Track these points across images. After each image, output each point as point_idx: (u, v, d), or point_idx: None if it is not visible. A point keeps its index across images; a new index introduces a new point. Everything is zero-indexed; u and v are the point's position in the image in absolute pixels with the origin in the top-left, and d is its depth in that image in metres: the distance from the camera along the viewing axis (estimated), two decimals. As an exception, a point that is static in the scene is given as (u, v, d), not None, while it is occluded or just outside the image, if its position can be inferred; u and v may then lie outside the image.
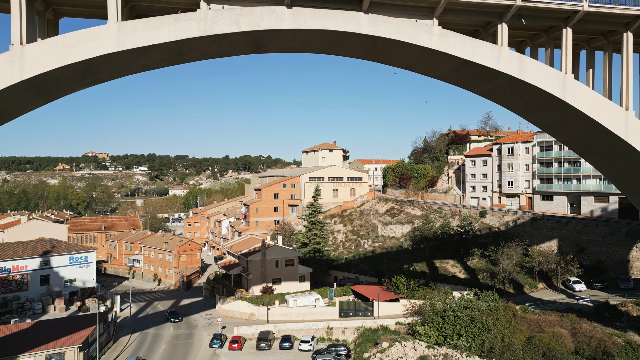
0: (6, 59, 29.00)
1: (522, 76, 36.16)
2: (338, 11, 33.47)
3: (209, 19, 31.54)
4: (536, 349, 57.56)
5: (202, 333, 73.76)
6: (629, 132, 37.87)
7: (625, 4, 36.49)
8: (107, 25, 30.29)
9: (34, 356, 57.11)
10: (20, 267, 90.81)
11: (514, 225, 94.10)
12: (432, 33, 34.61)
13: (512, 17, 36.14)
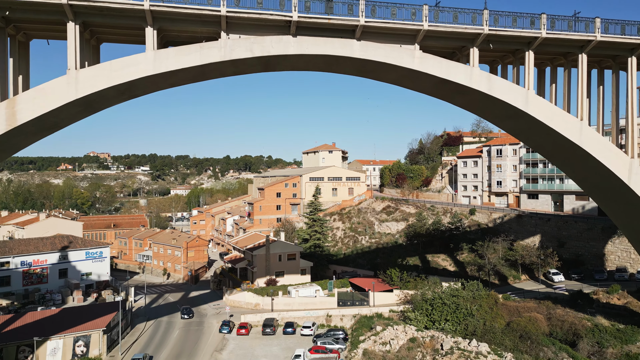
0: (64, 81, 35.65)
1: (491, 92, 42.80)
2: (335, 39, 40.14)
3: (228, 47, 38.21)
4: (514, 332, 64.12)
5: (212, 321, 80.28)
6: (583, 139, 44.50)
7: (578, 31, 43.09)
8: (145, 53, 36.92)
9: (63, 338, 63.76)
10: (40, 261, 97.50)
11: (501, 222, 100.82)
12: (414, 56, 41.25)
13: (482, 42, 42.74)
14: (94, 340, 65.54)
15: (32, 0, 34.06)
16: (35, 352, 61.51)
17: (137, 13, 36.12)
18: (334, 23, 38.92)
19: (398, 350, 62.41)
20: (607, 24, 44.16)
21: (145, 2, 35.30)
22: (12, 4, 34.15)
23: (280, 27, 39.32)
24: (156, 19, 37.03)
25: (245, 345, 68.68)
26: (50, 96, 35.28)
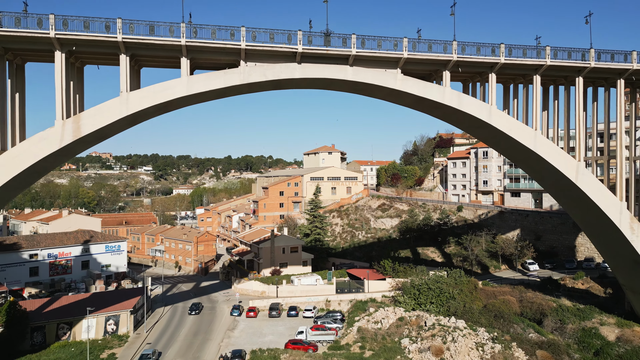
0: (117, 101, 45.06)
1: (460, 107, 52.15)
2: (332, 65, 49.49)
3: (246, 72, 47.60)
4: (490, 312, 73.49)
5: (223, 306, 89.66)
6: (537, 146, 53.86)
7: (531, 57, 52.51)
8: (180, 79, 46.31)
9: (96, 317, 73.23)
10: (65, 254, 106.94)
11: (485, 218, 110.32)
12: (397, 79, 50.63)
13: (452, 66, 52.08)
14: (122, 320, 75.04)
15: (94, 39, 43.47)
16: (73, 329, 71.04)
17: (175, 47, 45.53)
18: (331, 53, 48.32)
19: (388, 327, 71.80)
20: (555, 50, 53.50)
21: (182, 39, 44.73)
22: (78, 42, 43.55)
23: (288, 56, 48.70)
24: (190, 51, 46.41)
25: (254, 326, 78.01)
26: (106, 113, 44.71)
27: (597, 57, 54.64)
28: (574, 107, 57.60)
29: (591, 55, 54.31)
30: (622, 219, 56.40)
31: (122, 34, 43.42)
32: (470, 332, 65.30)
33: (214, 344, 69.19)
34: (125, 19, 43.14)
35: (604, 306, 70.86)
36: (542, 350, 59.60)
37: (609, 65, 54.94)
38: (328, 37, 47.36)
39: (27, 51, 45.40)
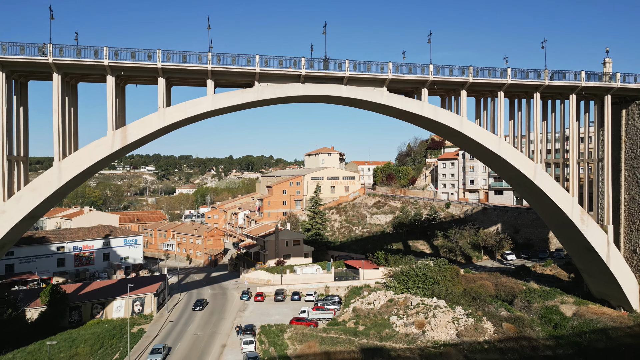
0: (156, 115, 55.76)
1: (436, 118, 62.82)
2: (330, 85, 60.17)
3: (259, 91, 58.31)
4: (468, 294, 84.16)
5: (233, 292, 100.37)
6: (501, 150, 64.51)
7: (496, 77, 63.23)
8: (206, 97, 57.03)
9: (125, 299, 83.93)
10: (88, 247, 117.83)
11: (470, 214, 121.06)
12: (383, 95, 61.31)
13: (429, 85, 62.76)
14: (147, 302, 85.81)
15: (139, 66, 54.23)
16: (105, 309, 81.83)
17: (203, 71, 56.24)
18: (329, 75, 59.03)
19: (379, 307, 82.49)
20: (515, 71, 64.13)
21: (208, 65, 55.48)
22: (126, 68, 54.30)
23: (293, 78, 59.40)
24: (214, 74, 57.12)
25: (262, 308, 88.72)
26: (147, 125, 55.46)
27: (551, 77, 65.30)
28: (534, 117, 68.29)
29: (545, 74, 65.00)
30: (573, 212, 67.10)
31: (161, 62, 54.18)
32: (449, 309, 75.99)
33: (228, 321, 79.96)
34: (164, 50, 53.90)
35: (566, 288, 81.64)
36: (507, 323, 70.42)
37: (560, 82, 65.62)
38: (326, 62, 58.09)
39: (83, 75, 56.12)
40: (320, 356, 61.17)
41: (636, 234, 70.71)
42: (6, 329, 67.73)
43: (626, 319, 67.39)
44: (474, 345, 64.92)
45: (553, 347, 64.14)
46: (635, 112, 70.22)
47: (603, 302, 74.42)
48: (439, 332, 70.19)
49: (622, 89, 67.92)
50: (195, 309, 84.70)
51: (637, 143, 70.12)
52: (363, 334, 70.40)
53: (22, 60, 51.30)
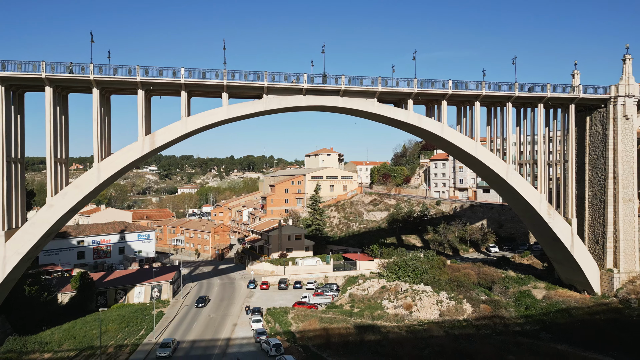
0: (179, 124, 65.31)
1: (420, 125, 72.39)
2: (328, 96, 69.67)
3: (267, 102, 67.85)
4: (453, 282, 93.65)
5: (240, 282, 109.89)
6: (477, 152, 74.04)
7: (472, 89, 72.86)
8: (222, 107, 66.56)
9: (145, 285, 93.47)
10: (105, 241, 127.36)
11: (459, 210, 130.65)
12: (374, 105, 70.87)
13: (414, 96, 72.31)
14: (164, 288, 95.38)
15: (166, 82, 63.81)
16: (127, 294, 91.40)
17: (219, 86, 65.78)
18: (327, 89, 68.62)
19: (373, 293, 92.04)
20: (489, 84, 73.74)
21: (224, 80, 65.06)
22: (155, 84, 63.88)
23: (296, 90, 68.94)
24: (229, 88, 66.70)
25: (267, 294, 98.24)
26: (172, 132, 65.04)
27: (521, 88, 74.90)
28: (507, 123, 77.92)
29: (515, 87, 74.54)
30: (541, 206, 76.65)
31: (184, 78, 63.77)
32: (435, 294, 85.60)
33: (237, 305, 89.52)
34: (187, 67, 63.50)
35: (540, 276, 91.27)
36: (485, 305, 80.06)
37: (528, 94, 75.17)
38: (325, 77, 67.67)
39: (117, 89, 65.69)
40: (320, 331, 70.64)
41: (598, 226, 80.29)
42: (43, 310, 77.32)
43: (587, 301, 76.98)
44: (454, 323, 74.54)
45: (522, 324, 73.76)
46: (597, 119, 79.80)
47: (570, 287, 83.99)
48: (424, 312, 79.81)
49: (584, 99, 77.50)
50: (198, 306, 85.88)
51: (599, 146, 79.73)
52: (357, 315, 79.98)
53: (68, 78, 60.87)
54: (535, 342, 66.24)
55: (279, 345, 62.29)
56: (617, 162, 76.65)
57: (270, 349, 61.88)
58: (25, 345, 66.08)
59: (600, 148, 79.40)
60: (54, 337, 70.69)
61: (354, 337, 68.17)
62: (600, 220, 79.64)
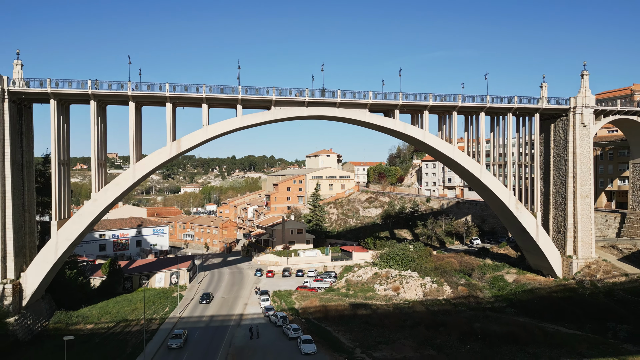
0: (202, 131, 77.60)
1: (406, 131, 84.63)
2: (326, 107, 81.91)
3: (275, 113, 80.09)
4: (437, 269, 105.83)
5: (248, 271, 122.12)
6: (454, 155, 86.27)
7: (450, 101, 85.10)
8: (236, 117, 78.81)
9: (165, 272, 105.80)
10: (124, 235, 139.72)
11: (446, 207, 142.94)
12: (366, 115, 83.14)
13: (400, 107, 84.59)
14: (181, 275, 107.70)
15: (190, 96, 76.09)
16: (149, 280, 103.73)
17: (235, 100, 78.01)
18: (325, 101, 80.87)
19: (366, 279, 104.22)
20: (465, 96, 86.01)
21: (239, 95, 77.34)
22: (181, 98, 76.18)
23: (299, 103, 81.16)
24: (243, 101, 78.94)
25: (272, 281, 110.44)
26: (195, 138, 77.30)
27: (492, 100, 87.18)
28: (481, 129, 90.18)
29: (487, 99, 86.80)
30: (510, 201, 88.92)
31: (206, 93, 76.09)
32: (420, 278, 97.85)
33: (247, 289, 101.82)
34: (208, 84, 75.80)
35: (513, 263, 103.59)
36: (462, 287, 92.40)
37: (498, 105, 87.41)
38: (324, 92, 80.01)
39: (148, 102, 77.96)
40: (319, 308, 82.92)
41: (560, 219, 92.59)
42: (80, 291, 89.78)
43: (550, 283, 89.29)
44: (435, 301, 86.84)
45: (492, 302, 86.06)
46: (560, 125, 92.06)
47: (538, 272, 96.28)
48: (410, 293, 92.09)
49: (548, 109, 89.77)
50: (202, 302, 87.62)
51: (561, 150, 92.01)
52: (352, 296, 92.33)
53: (110, 93, 73.20)
54: (501, 315, 78.51)
55: (285, 317, 74.42)
56: (576, 164, 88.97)
57: (278, 320, 74.04)
58: (70, 318, 78.41)
59: (562, 151, 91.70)
60: (92, 313, 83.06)
61: (348, 312, 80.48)
62: (562, 214, 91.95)
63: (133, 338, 70.96)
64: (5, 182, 68.91)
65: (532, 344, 64.60)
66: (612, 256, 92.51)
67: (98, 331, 74.90)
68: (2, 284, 69.09)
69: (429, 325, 72.60)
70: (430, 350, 62.61)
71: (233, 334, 71.23)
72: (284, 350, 63.92)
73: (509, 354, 61.62)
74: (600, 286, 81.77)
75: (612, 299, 77.15)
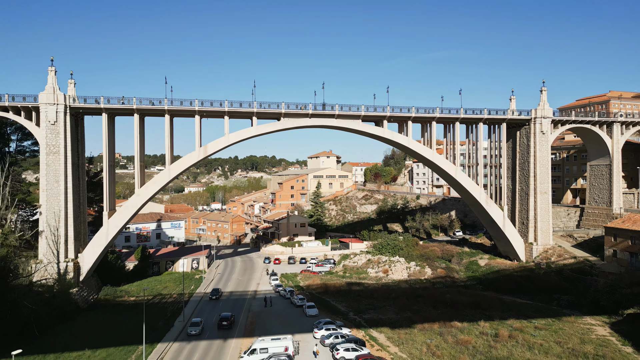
0: (223, 138, 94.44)
1: (393, 138, 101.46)
2: (326, 118, 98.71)
3: (283, 123, 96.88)
4: (422, 256, 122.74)
5: (257, 259, 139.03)
6: (433, 157, 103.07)
7: (429, 113, 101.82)
8: (252, 127, 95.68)
9: (187, 258, 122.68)
10: (146, 228, 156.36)
11: (434, 203, 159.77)
12: (359, 124, 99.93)
13: (388, 118, 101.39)
14: (201, 261, 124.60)
15: (214, 110, 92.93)
16: (174, 265, 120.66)
17: (251, 113, 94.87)
18: (325, 113, 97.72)
19: (361, 264, 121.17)
20: (442, 109, 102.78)
21: (254, 109, 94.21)
22: (207, 112, 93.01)
23: (304, 115, 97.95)
24: (257, 114, 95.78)
25: (279, 267, 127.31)
26: (219, 144, 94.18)
27: (465, 112, 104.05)
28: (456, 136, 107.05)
29: (461, 111, 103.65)
30: (481, 197, 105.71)
31: (227, 107, 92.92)
32: (406, 263, 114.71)
33: (258, 273, 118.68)
34: (229, 100, 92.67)
35: (487, 250, 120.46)
36: (441, 269, 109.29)
37: (470, 116, 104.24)
38: (324, 106, 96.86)
39: (179, 114, 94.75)
40: (320, 285, 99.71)
41: (524, 212, 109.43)
42: (119, 272, 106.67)
43: (514, 265, 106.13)
44: (417, 280, 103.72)
45: (465, 281, 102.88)
46: (523, 133, 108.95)
47: (506, 257, 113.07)
48: (397, 275, 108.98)
49: (513, 119, 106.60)
50: (212, 298, 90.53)
51: (525, 153, 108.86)
52: (348, 277, 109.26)
53: (150, 108, 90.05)
54: (470, 290, 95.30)
55: (292, 291, 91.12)
56: (536, 165, 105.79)
57: (286, 294, 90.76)
58: (115, 292, 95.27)
59: (525, 154, 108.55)
60: (132, 289, 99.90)
61: (344, 288, 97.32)
62: (525, 208, 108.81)
63: (170, 306, 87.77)
64: (68, 180, 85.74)
65: (490, 309, 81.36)
66: (568, 243, 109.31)
67: (139, 302, 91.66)
68: (65, 262, 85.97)
69: (409, 296, 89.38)
70: (409, 313, 79.35)
71: (250, 304, 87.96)
72: (292, 314, 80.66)
73: (470, 315, 78.32)
74: (553, 267, 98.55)
75: (561, 277, 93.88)
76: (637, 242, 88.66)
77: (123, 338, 67.32)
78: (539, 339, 64.55)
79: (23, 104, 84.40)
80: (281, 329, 69.51)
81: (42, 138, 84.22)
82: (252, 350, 57.48)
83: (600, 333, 69.08)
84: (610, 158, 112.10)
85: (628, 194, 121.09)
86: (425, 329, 69.74)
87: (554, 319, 76.19)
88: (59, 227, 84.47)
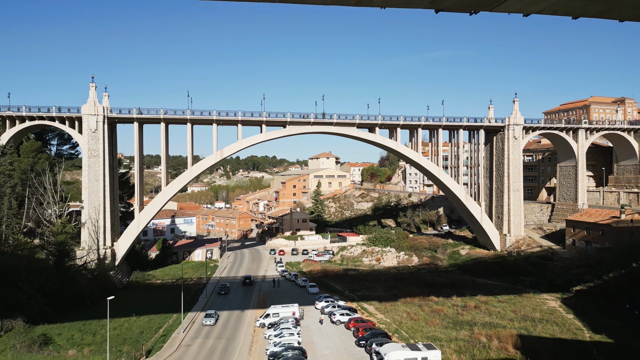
0: (237, 143, 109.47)
1: (384, 143, 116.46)
2: (326, 125, 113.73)
3: (289, 130, 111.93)
4: (411, 247, 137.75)
5: (263, 251, 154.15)
6: (420, 160, 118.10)
7: (413, 121, 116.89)
8: (261, 133, 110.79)
9: (202, 249, 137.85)
10: (161, 223, 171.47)
11: (424, 201, 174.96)
12: (354, 131, 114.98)
13: (379, 125, 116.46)
14: (215, 251, 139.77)
15: (229, 119, 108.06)
16: (190, 254, 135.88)
17: (261, 121, 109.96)
18: (325, 121, 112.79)
19: (356, 255, 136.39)
20: (426, 117, 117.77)
21: (264, 118, 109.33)
22: (223, 121, 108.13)
23: (306, 123, 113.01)
24: (266, 122, 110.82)
25: (284, 257, 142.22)
26: (233, 148, 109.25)
27: (447, 120, 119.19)
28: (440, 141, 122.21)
29: (443, 119, 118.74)
30: (461, 194, 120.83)
31: (240, 117, 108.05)
32: (396, 252, 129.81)
33: (265, 262, 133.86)
34: (241, 110, 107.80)
35: (468, 242, 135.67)
36: (427, 257, 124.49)
37: (452, 123, 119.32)
38: (324, 115, 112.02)
39: (199, 123, 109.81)
40: (321, 270, 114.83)
41: (499, 207, 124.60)
42: (144, 260, 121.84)
43: (490, 254, 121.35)
44: (405, 267, 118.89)
45: (447, 267, 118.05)
46: (499, 138, 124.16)
47: (485, 247, 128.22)
48: (388, 262, 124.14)
49: (489, 126, 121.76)
50: (221, 293, 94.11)
51: (500, 156, 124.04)
52: (345, 265, 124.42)
53: (175, 117, 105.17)
54: (450, 274, 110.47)
55: (296, 275, 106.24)
56: (509, 166, 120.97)
57: (291, 277, 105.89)
58: (144, 276, 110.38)
59: (501, 156, 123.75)
60: (156, 274, 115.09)
61: (341, 273, 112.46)
62: (500, 204, 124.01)
63: (193, 287, 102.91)
64: (105, 179, 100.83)
65: (464, 288, 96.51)
66: (538, 235, 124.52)
67: (165, 284, 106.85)
68: (104, 249, 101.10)
69: (396, 279, 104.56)
70: (395, 291, 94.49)
71: (260, 285, 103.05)
72: (297, 292, 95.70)
73: (447, 293, 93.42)
74: (522, 254, 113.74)
75: (527, 262, 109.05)
76: (591, 232, 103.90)
77: (158, 308, 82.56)
78: (499, 308, 79.67)
79: (68, 115, 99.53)
80: (288, 302, 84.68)
81: (84, 144, 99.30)
82: (267, 314, 72.75)
83: (552, 305, 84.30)
84: (576, 160, 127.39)
85: (595, 192, 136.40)
86: (407, 302, 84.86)
87: (516, 295, 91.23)
88: (98, 219, 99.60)
